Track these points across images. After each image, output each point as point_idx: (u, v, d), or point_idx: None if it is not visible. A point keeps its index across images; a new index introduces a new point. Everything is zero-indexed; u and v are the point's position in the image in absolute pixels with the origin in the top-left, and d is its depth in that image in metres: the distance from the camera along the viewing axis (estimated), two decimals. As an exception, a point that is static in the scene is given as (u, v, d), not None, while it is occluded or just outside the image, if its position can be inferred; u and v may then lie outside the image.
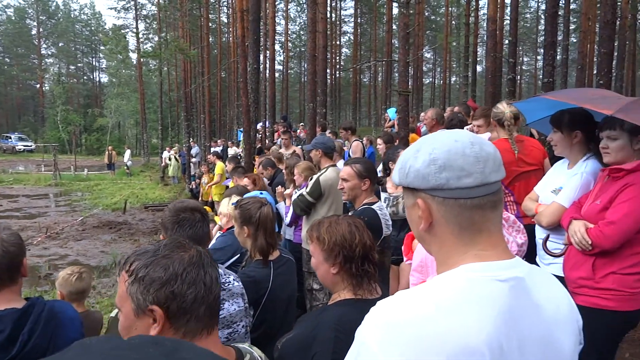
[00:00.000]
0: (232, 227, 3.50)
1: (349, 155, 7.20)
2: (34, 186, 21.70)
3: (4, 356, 1.39)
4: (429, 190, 0.95)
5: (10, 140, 47.90)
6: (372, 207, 3.12)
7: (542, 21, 46.16)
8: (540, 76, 11.71)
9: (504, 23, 19.48)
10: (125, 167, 26.82)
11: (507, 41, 15.24)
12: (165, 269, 1.02)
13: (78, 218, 13.46)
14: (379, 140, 6.60)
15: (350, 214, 3.08)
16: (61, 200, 17.92)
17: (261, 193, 3.15)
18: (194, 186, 16.43)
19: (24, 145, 46.54)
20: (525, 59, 52.05)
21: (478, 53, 23.26)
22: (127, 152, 27.62)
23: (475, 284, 0.88)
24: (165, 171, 23.60)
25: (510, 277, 0.90)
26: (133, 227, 12.38)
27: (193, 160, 20.07)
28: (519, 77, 42.68)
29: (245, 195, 3.00)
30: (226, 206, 3.57)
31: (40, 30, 62.74)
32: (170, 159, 22.45)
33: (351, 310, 1.64)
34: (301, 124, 17.44)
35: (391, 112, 10.16)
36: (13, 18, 61.24)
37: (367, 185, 3.18)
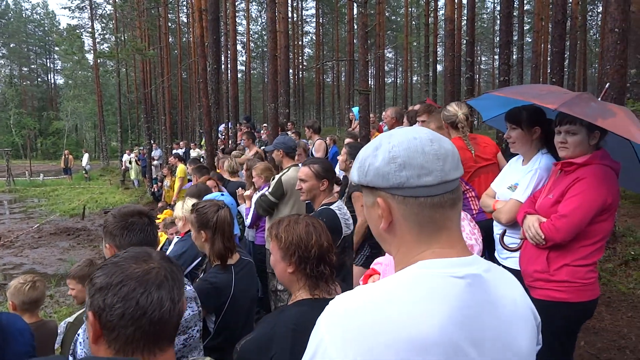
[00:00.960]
0: (189, 230, 3.43)
1: (312, 154, 7.18)
2: (-14, 193, 20.76)
3: None
4: (389, 189, 0.92)
5: (-41, 145, 45.73)
6: (330, 207, 3.10)
7: (498, 22, 47.64)
8: (497, 75, 12.03)
9: (462, 23, 19.91)
10: (84, 172, 26.00)
11: (464, 41, 15.59)
12: (106, 277, 0.97)
13: (34, 225, 12.95)
14: (346, 140, 6.63)
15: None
16: (15, 207, 17.20)
17: (222, 194, 3.07)
18: (155, 189, 16.06)
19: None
20: (483, 59, 53.39)
21: (438, 53, 23.64)
22: (85, 156, 26.76)
23: (430, 278, 0.87)
24: (125, 174, 23.02)
25: (468, 274, 0.89)
26: (92, 233, 12.02)
27: (154, 162, 19.64)
28: (477, 76, 43.78)
29: (205, 198, 2.92)
30: (181, 209, 3.49)
31: (-11, 30, 60.09)
32: (130, 162, 21.91)
33: (309, 309, 1.63)
34: (264, 124, 17.31)
35: (356, 111, 10.17)
36: (-41, 18, 58.48)
37: (325, 185, 3.16)
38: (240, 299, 2.41)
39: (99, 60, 34.29)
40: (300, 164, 5.18)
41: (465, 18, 13.52)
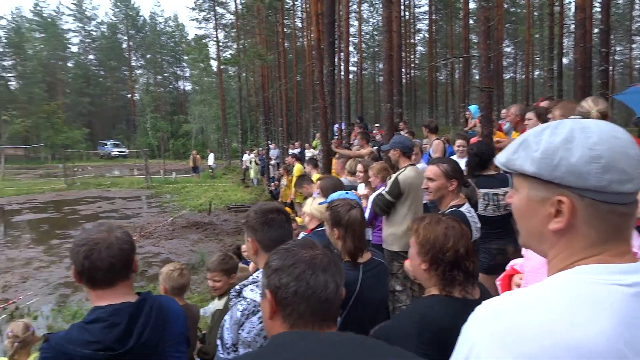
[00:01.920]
0: (316, 227, 3.56)
1: (429, 155, 7.05)
2: (128, 189, 23.36)
3: (121, 348, 1.49)
4: (583, 190, 0.85)
5: (106, 146, 52.07)
6: (460, 209, 3.03)
7: (638, 6, 42.60)
8: (637, 66, 10.78)
9: (593, 11, 18.17)
10: (210, 170, 28.06)
11: (597, 30, 14.20)
12: (280, 260, 1.10)
13: (168, 219, 14.29)
14: (458, 142, 6.45)
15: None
16: (153, 202, 19.12)
17: (347, 193, 3.15)
18: (273, 188, 16.86)
19: (119, 151, 50.41)
20: (617, 49, 48.22)
21: (564, 44, 21.83)
22: (211, 156, 28.89)
23: (591, 285, 0.82)
24: (246, 173, 24.43)
25: (636, 282, 0.83)
26: (218, 228, 12.94)
27: (272, 162, 20.62)
28: (611, 67, 39.64)
29: (332, 197, 3.01)
30: (309, 206, 3.62)
31: (130, 43, 67.39)
32: (250, 162, 23.23)
33: (437, 304, 1.69)
34: (376, 124, 17.34)
35: (474, 109, 9.72)
36: (106, 34, 66.31)
37: (454, 186, 3.08)
38: (368, 296, 2.45)
39: (222, 67, 36.82)
40: (416, 164, 5.14)
41: (599, 4, 12.30)
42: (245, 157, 24.94)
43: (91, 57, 67.95)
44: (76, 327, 1.52)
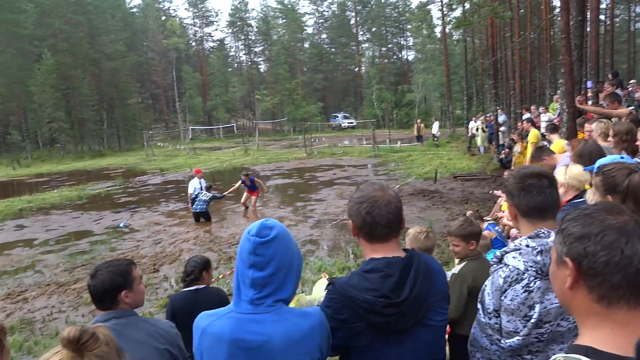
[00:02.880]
0: (572, 199, 3.20)
1: None
2: (358, 157, 24.95)
3: (396, 298, 1.60)
4: None
5: (337, 118, 56.46)
6: None
7: None
8: None
9: None
10: (434, 138, 27.94)
11: None
12: (583, 227, 1.01)
13: (396, 186, 14.80)
14: None
15: None
16: (380, 169, 20.04)
17: (622, 157, 2.72)
18: (503, 155, 15.88)
19: (348, 123, 54.03)
20: None
21: None
22: (435, 124, 28.69)
23: None
24: (472, 141, 23.58)
25: None
26: (444, 196, 12.86)
27: (501, 129, 19.40)
28: None
29: (601, 162, 2.64)
30: (563, 175, 3.27)
31: (357, 19, 70.74)
32: (477, 129, 22.28)
33: None
34: (631, 80, 14.62)
35: None
36: (336, 12, 70.91)
37: None
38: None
39: (446, 32, 35.79)
40: None
41: None
42: (472, 124, 24.00)
43: (324, 36, 73.84)
44: (356, 274, 1.68)
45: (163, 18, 64.85)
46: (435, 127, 28.28)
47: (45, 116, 44.39)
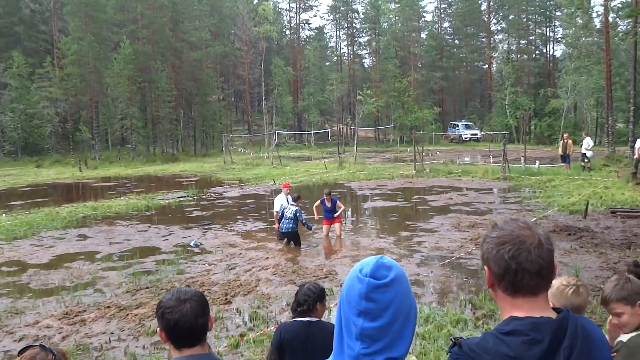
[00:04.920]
0: None
1: None
2: (481, 179, 24.28)
3: None
4: None
5: (457, 128, 55.59)
6: None
7: None
8: None
9: None
10: (585, 159, 26.43)
11: None
12: None
13: (531, 219, 14.14)
14: None
15: None
16: (510, 196, 19.30)
17: None
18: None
19: (471, 134, 53.01)
20: None
21: None
22: (586, 140, 27.12)
23: None
24: (638, 166, 21.97)
25: None
26: (597, 236, 12.09)
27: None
28: None
29: None
30: None
31: (491, 3, 69.33)
32: (647, 150, 20.75)
33: None
34: None
35: None
36: (465, -5, 70.14)
37: None
38: None
39: (609, 22, 33.88)
40: None
41: None
42: (638, 143, 22.40)
43: (446, 24, 73.43)
44: (491, 335, 1.61)
45: (255, 2, 68.18)
46: (586, 145, 26.72)
47: (117, 112, 48.59)
